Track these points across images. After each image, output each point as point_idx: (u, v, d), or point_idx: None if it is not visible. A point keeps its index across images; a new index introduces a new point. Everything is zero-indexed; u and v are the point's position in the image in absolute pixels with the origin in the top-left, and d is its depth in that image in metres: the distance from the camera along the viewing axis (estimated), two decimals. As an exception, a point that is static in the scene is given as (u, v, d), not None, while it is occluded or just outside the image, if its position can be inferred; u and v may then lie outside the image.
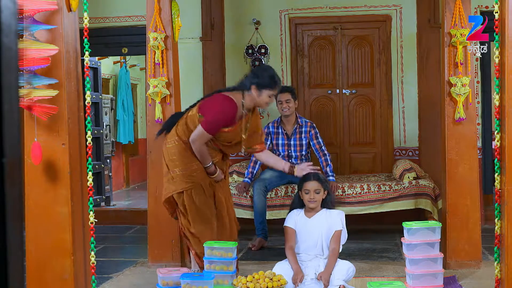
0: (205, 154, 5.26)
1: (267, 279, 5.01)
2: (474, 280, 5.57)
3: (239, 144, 5.41)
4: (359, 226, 7.70)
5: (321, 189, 5.47)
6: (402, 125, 8.58)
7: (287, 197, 7.40)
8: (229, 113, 5.18)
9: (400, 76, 8.56)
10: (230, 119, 5.21)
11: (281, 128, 7.58)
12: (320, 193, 5.46)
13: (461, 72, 5.84)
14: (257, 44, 8.65)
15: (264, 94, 5.22)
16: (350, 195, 7.37)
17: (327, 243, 5.44)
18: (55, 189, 4.08)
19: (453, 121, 5.88)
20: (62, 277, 4.03)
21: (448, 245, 5.92)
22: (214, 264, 5.33)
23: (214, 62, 8.67)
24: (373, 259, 6.51)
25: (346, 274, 5.29)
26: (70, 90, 4.12)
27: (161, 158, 5.45)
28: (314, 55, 8.76)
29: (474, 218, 5.93)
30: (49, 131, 4.06)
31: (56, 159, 4.08)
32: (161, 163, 5.44)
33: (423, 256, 4.83)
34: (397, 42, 8.55)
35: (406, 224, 4.92)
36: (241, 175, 7.64)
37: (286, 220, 5.56)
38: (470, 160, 5.93)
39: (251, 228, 8.04)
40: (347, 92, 8.69)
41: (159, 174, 6.11)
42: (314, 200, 5.45)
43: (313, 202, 5.46)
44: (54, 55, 3.97)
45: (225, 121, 5.18)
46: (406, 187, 7.38)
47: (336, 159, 8.63)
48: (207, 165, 5.27)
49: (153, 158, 6.11)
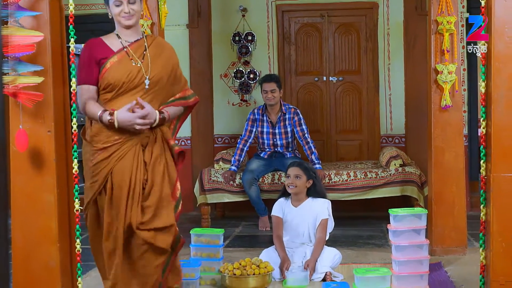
0: (92, 108, 3.97)
1: (254, 266, 5.02)
2: (459, 266, 5.60)
3: (141, 86, 3.99)
4: (345, 213, 7.72)
5: (303, 175, 5.46)
6: (389, 113, 8.59)
7: (274, 184, 7.43)
8: (85, 48, 4.08)
9: (387, 64, 8.57)
10: (92, 52, 4.02)
11: (266, 116, 7.57)
12: (301, 179, 5.46)
13: (448, 60, 5.85)
14: (244, 32, 8.63)
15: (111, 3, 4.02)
16: (336, 182, 7.38)
17: (313, 232, 5.46)
18: (41, 176, 4.06)
19: (440, 109, 5.89)
20: (48, 265, 4.02)
21: (434, 231, 5.95)
22: (200, 251, 5.34)
23: (201, 49, 8.64)
24: (360, 246, 6.53)
25: (332, 261, 5.32)
26: (55, 77, 4.10)
27: None
28: (301, 42, 8.75)
29: (460, 205, 5.96)
30: (34, 118, 4.04)
31: (42, 146, 4.06)
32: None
33: (409, 243, 4.85)
34: (384, 29, 8.55)
35: (392, 211, 4.94)
36: (227, 162, 7.63)
37: (273, 209, 5.57)
38: (456, 147, 5.95)
39: (240, 214, 8.09)
40: (334, 79, 8.69)
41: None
42: (293, 185, 5.45)
43: (293, 187, 5.46)
44: (39, 42, 3.95)
45: (88, 57, 4.01)
46: (393, 174, 7.41)
47: (323, 146, 8.64)
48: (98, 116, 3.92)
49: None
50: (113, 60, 4.00)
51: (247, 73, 8.63)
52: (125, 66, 3.99)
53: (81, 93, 4.02)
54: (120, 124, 3.88)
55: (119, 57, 4.01)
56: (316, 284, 5.09)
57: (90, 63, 4.02)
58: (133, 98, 3.96)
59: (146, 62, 4.03)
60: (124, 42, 4.07)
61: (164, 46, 4.22)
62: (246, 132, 7.64)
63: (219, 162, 7.70)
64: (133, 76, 3.98)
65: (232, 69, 8.69)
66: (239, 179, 7.47)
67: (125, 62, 4.01)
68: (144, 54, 4.06)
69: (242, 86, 8.66)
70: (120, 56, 4.02)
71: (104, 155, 3.96)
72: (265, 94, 7.48)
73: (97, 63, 4.00)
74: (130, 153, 3.95)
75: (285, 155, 7.60)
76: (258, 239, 7.04)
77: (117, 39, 4.10)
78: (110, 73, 3.96)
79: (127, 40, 4.08)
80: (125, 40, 4.08)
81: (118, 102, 3.97)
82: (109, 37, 4.13)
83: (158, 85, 4.04)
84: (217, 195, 7.58)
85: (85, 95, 4.00)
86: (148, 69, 4.02)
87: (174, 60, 4.21)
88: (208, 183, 7.58)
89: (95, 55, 4.02)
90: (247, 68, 8.66)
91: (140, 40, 4.11)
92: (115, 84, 3.96)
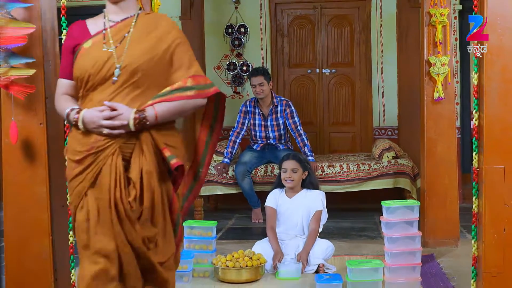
0: (61, 105, 3.25)
1: (246, 258, 5.03)
2: (452, 258, 5.62)
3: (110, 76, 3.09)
4: (338, 205, 7.73)
5: (299, 168, 5.48)
6: (382, 105, 8.60)
7: (267, 176, 7.44)
8: (66, 35, 3.34)
9: (379, 56, 8.58)
10: (68, 39, 3.27)
11: (258, 108, 7.57)
12: (298, 172, 5.47)
13: (440, 52, 5.85)
14: (236, 23, 8.62)
15: None
16: (329, 174, 7.39)
17: (307, 223, 5.47)
18: (33, 168, 4.05)
19: (432, 101, 5.89)
20: (41, 257, 4.01)
21: (426, 223, 5.96)
22: (193, 243, 5.35)
23: (194, 41, 8.59)
24: (352, 238, 6.55)
25: (325, 253, 5.33)
26: (47, 69, 4.08)
27: None
28: (294, 34, 8.74)
29: (452, 196, 5.97)
30: (26, 111, 4.02)
31: (34, 138, 4.04)
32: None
33: (401, 235, 4.86)
34: (377, 21, 8.55)
35: (385, 203, 4.95)
36: (220, 154, 7.63)
37: (267, 200, 5.58)
38: (448, 139, 5.95)
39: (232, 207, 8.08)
40: (327, 71, 8.69)
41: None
42: (290, 179, 5.46)
43: (290, 181, 5.47)
44: (31, 34, 3.93)
45: (65, 45, 3.27)
46: (385, 166, 7.42)
47: (316, 138, 8.65)
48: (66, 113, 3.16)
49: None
50: (86, 46, 3.15)
51: (240, 65, 8.63)
52: (94, 53, 3.12)
53: (56, 89, 3.31)
54: (85, 125, 3.05)
55: (93, 42, 3.16)
56: (308, 276, 5.10)
57: (65, 52, 3.24)
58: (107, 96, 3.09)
59: (122, 46, 3.12)
60: (108, 23, 3.20)
61: (159, 23, 3.21)
62: (238, 124, 7.64)
63: (211, 154, 7.68)
64: (100, 66, 3.08)
65: (225, 61, 8.68)
66: (232, 171, 7.47)
67: (96, 47, 3.14)
68: (125, 37, 3.14)
69: (235, 78, 8.65)
70: (95, 40, 3.17)
71: (78, 169, 3.10)
72: (253, 88, 7.47)
73: (71, 51, 3.21)
74: (106, 166, 3.04)
75: (278, 147, 7.60)
76: (251, 231, 7.04)
77: (103, 19, 3.24)
78: (78, 62, 3.14)
79: (112, 20, 3.21)
80: (109, 20, 3.21)
81: (90, 101, 3.13)
82: (96, 19, 3.28)
83: (137, 76, 3.07)
84: (210, 187, 7.57)
85: (58, 90, 3.27)
86: (122, 55, 3.09)
87: (171, 37, 3.21)
88: (201, 175, 7.56)
89: (71, 42, 3.23)
90: (240, 60, 8.65)
91: (129, 19, 3.20)
92: (81, 77, 3.12)
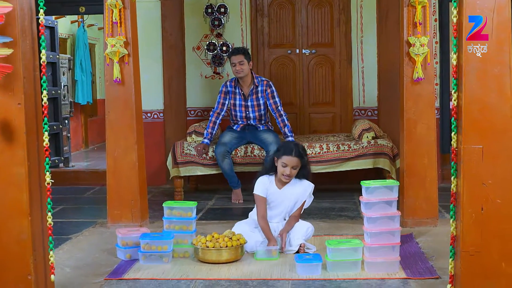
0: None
1: (226, 239, 5.03)
2: (430, 237, 5.66)
3: None
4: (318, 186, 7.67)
5: (299, 164, 5.43)
6: (362, 85, 8.61)
7: (247, 156, 7.46)
8: None
9: (359, 36, 8.57)
10: None
11: (238, 89, 7.55)
12: (297, 168, 5.44)
13: (420, 32, 5.87)
14: (216, 3, 8.57)
15: None
16: (309, 155, 7.39)
17: (292, 211, 5.47)
18: (11, 149, 4.02)
19: (412, 81, 5.91)
20: (19, 238, 3.99)
21: (405, 203, 6.00)
22: (173, 224, 5.34)
23: (173, 21, 8.57)
24: (332, 218, 6.57)
25: (305, 234, 5.34)
26: (25, 48, 4.04)
27: (120, 119, 5.26)
28: (274, 14, 8.71)
29: (431, 177, 6.01)
30: (4, 91, 3.98)
31: (12, 119, 4.01)
32: (120, 123, 5.32)
33: (380, 215, 4.88)
34: (357, 2, 8.53)
35: (364, 183, 4.96)
36: (199, 135, 7.62)
37: (256, 187, 5.47)
38: (428, 119, 5.98)
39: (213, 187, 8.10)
40: (307, 52, 8.68)
41: (117, 134, 6.06)
42: (289, 176, 5.42)
43: (288, 178, 5.43)
44: (8, 13, 3.88)
45: None
46: (365, 146, 7.44)
47: (296, 119, 8.65)
48: None
49: (112, 118, 6.05)
50: None
51: (219, 46, 8.59)
52: None
53: None
54: None
55: None
56: (288, 256, 5.11)
57: None
58: None
59: None
60: None
61: None
62: (218, 104, 7.62)
63: (191, 135, 7.68)
64: None
65: (204, 41, 8.64)
66: (212, 152, 7.46)
67: None
68: None
69: (214, 58, 8.62)
70: None
71: None
72: (234, 67, 7.45)
73: None
74: None
75: (258, 128, 7.60)
76: (231, 212, 7.06)
77: None
78: None
79: None
80: None
81: None
82: None
83: None
84: (190, 168, 7.57)
85: None
86: None
87: None
88: (181, 156, 7.57)
89: None
90: (220, 40, 8.62)
91: None
92: None
